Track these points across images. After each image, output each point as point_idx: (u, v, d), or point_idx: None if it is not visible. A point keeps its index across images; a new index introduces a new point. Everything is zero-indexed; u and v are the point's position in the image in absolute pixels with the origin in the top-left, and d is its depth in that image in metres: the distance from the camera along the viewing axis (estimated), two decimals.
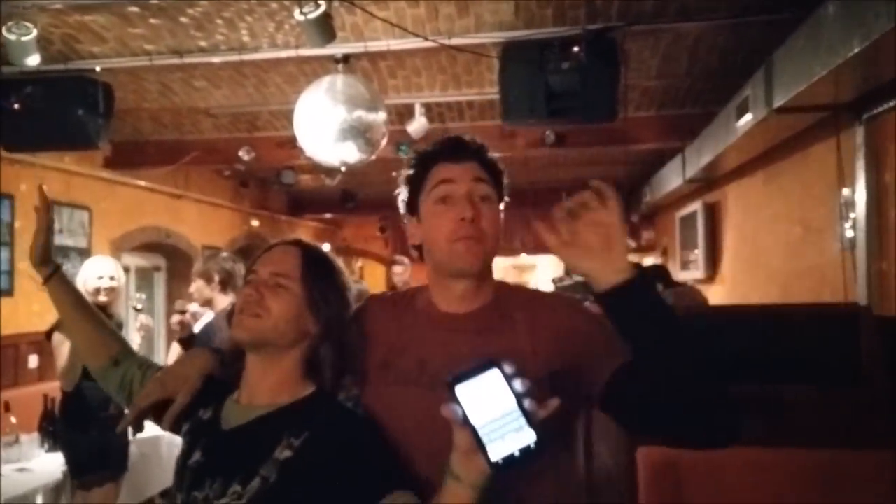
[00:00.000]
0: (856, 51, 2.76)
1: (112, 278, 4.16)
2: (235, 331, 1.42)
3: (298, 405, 1.41)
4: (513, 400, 1.07)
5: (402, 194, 1.58)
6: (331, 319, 1.45)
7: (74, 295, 1.70)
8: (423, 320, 1.52)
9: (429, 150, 1.56)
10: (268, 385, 1.43)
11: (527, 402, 1.07)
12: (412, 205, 1.55)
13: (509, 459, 1.06)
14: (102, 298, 4.05)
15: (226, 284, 3.98)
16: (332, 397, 1.44)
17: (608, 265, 1.24)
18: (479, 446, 1.07)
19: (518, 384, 1.08)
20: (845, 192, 3.77)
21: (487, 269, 1.52)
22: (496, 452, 1.06)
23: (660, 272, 5.52)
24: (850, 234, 3.74)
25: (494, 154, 1.56)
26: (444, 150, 1.54)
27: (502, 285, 1.59)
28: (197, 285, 3.98)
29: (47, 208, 1.72)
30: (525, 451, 1.06)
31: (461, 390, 1.08)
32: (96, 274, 4.12)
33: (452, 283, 1.50)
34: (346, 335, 1.47)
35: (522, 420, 1.07)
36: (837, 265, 3.85)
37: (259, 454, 1.34)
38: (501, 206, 1.55)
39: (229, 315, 1.51)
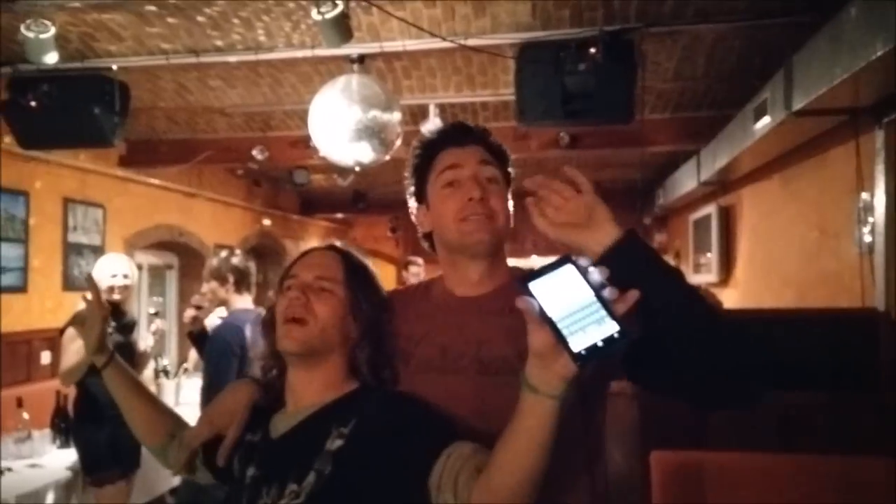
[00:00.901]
0: (878, 54, 2.74)
1: (126, 276, 4.15)
2: (284, 341, 1.40)
3: (344, 399, 1.41)
4: (590, 292, 1.02)
5: (409, 184, 1.57)
6: (371, 321, 1.45)
7: (130, 380, 1.68)
8: (441, 307, 1.51)
9: (433, 137, 1.56)
10: (313, 388, 1.43)
11: (606, 292, 1.02)
12: (420, 193, 1.55)
13: (592, 350, 1.00)
14: (116, 297, 4.05)
15: (240, 284, 3.96)
16: (376, 389, 1.44)
17: (596, 234, 1.27)
18: (560, 341, 1.01)
19: (595, 275, 1.02)
20: (864, 196, 3.73)
21: (500, 250, 1.51)
22: (578, 344, 1.00)
23: None
24: (868, 238, 3.70)
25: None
26: (447, 135, 1.54)
27: (517, 269, 1.56)
28: (211, 286, 3.95)
29: (99, 299, 1.68)
30: (609, 341, 1.00)
31: (536, 287, 1.03)
32: (110, 272, 4.10)
33: (466, 266, 1.49)
34: (385, 335, 1.47)
35: (603, 311, 1.01)
36: (855, 270, 3.81)
37: (311, 450, 1.34)
38: (510, 192, 1.54)
39: (266, 322, 1.50)
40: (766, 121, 4.03)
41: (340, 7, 3.24)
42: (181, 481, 3.96)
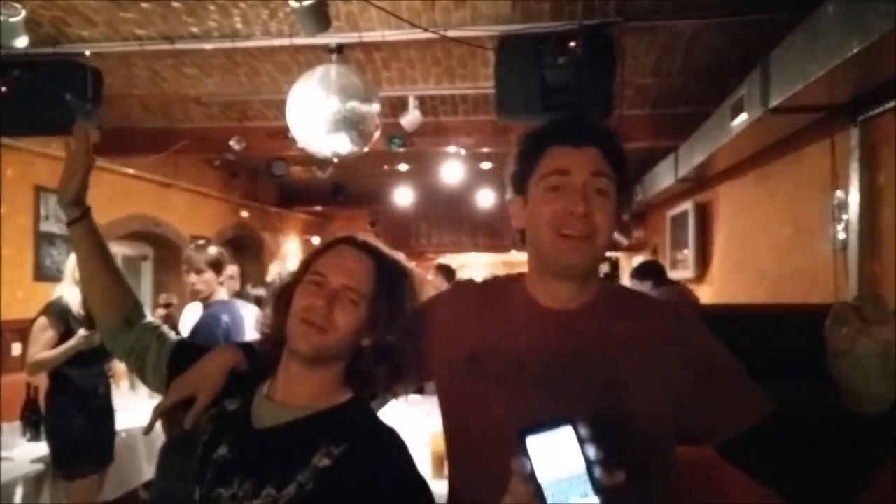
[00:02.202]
0: (855, 51, 2.75)
1: None
2: (298, 342, 1.35)
3: (336, 411, 1.37)
4: (583, 463, 1.01)
5: (510, 170, 1.44)
6: (387, 340, 1.39)
7: (98, 243, 1.61)
8: (521, 314, 1.40)
9: (546, 128, 1.41)
10: (308, 390, 1.38)
11: (596, 470, 1.01)
12: (520, 185, 1.41)
13: None
14: None
15: (225, 276, 3.99)
16: (367, 405, 1.42)
17: (875, 394, 1.12)
18: (540, 502, 1.01)
19: (591, 450, 1.02)
20: (838, 193, 3.76)
21: (595, 268, 1.39)
22: None
23: (655, 269, 5.50)
24: (842, 236, 3.73)
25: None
26: (563, 131, 1.38)
27: (608, 283, 1.46)
28: (206, 277, 3.91)
29: (88, 144, 1.56)
30: None
31: (532, 443, 1.02)
32: None
33: (554, 281, 1.38)
34: (397, 355, 1.41)
35: (588, 486, 1.01)
36: (828, 267, 3.84)
37: (296, 459, 1.30)
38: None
39: (279, 296, 1.45)
40: (743, 117, 4.05)
41: None
42: (155, 475, 3.92)
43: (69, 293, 4.09)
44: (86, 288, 1.61)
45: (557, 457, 1.02)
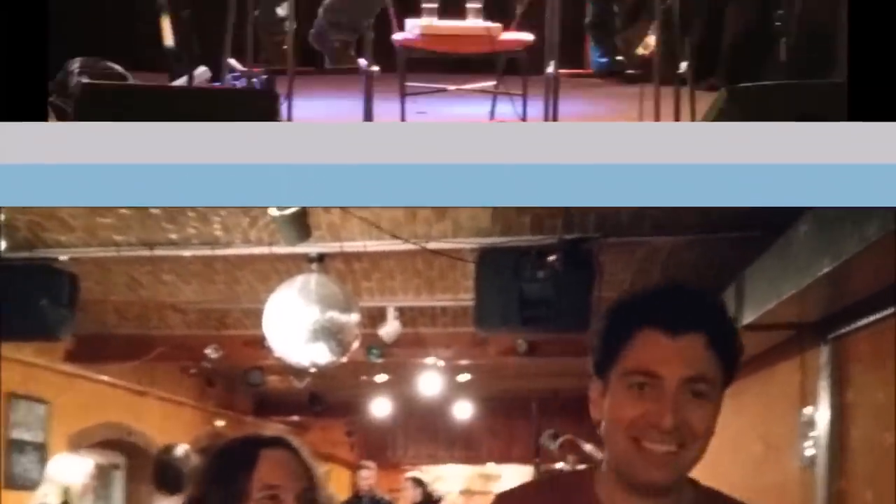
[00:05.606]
0: (825, 271, 2.78)
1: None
2: None
3: None
4: None
5: (592, 344, 1.14)
6: None
7: None
8: None
9: (637, 304, 1.11)
10: None
11: None
12: (601, 367, 1.12)
13: None
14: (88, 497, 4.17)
15: None
16: None
17: None
18: None
19: None
20: (807, 410, 3.73)
21: (682, 479, 1.13)
22: None
23: None
24: (810, 452, 3.67)
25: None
26: (658, 311, 1.07)
27: (697, 487, 1.19)
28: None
29: None
30: None
31: None
32: (90, 472, 4.19)
33: (633, 495, 1.11)
34: None
35: None
36: (797, 483, 3.79)
37: None
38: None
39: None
40: None
41: None
42: None
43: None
44: None
45: None
